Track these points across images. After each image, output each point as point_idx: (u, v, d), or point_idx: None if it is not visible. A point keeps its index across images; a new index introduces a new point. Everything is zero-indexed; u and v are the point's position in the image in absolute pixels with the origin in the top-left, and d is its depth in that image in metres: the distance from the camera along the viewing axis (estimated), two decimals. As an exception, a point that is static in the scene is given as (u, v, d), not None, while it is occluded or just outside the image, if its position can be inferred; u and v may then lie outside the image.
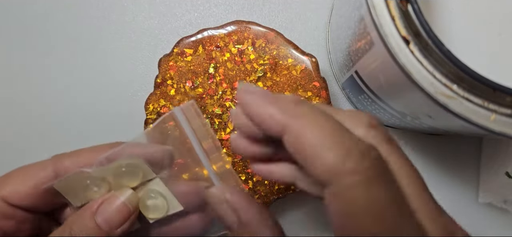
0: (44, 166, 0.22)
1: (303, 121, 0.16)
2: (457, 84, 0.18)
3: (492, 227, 0.33)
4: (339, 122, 0.16)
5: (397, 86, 0.21)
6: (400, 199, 0.15)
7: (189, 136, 0.21)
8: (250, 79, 0.30)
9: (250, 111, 0.17)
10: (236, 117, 0.18)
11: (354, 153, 0.15)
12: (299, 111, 0.16)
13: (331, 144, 0.15)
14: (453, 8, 0.22)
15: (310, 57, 0.30)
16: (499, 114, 0.18)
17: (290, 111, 0.16)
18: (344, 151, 0.15)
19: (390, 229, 0.14)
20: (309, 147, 0.15)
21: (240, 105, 0.18)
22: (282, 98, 0.17)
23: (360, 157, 0.15)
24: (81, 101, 0.34)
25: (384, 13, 0.19)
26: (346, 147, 0.15)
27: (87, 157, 0.22)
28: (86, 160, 0.21)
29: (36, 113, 0.34)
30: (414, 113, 0.24)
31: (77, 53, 0.35)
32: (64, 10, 0.35)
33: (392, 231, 0.14)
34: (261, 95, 0.17)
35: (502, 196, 0.32)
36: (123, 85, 0.34)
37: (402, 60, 0.18)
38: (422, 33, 0.18)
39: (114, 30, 0.35)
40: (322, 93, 0.30)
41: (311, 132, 0.15)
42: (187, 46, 0.31)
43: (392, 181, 0.16)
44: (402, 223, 0.15)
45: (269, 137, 0.17)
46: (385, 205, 0.15)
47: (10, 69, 0.35)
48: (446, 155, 0.34)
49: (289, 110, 0.16)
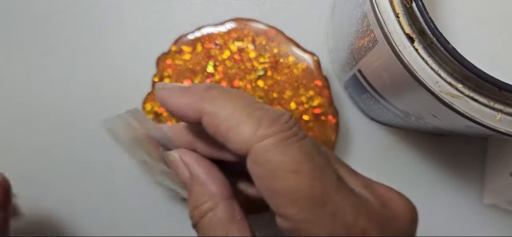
0: None
1: (216, 102, 0.17)
2: (463, 83, 0.18)
3: (497, 228, 0.33)
4: (250, 96, 0.18)
5: (401, 85, 0.21)
6: (314, 152, 0.17)
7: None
8: (250, 78, 0.30)
9: (169, 106, 0.19)
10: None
11: (264, 121, 0.17)
12: (211, 95, 0.18)
13: (243, 117, 0.17)
14: (458, 5, 0.22)
15: (312, 55, 0.30)
16: (504, 113, 0.18)
17: (203, 96, 0.18)
18: (256, 120, 0.17)
19: (307, 180, 0.16)
20: (224, 123, 0.17)
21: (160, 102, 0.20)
22: (195, 87, 0.19)
23: (271, 122, 0.16)
24: (78, 99, 0.34)
25: (388, 10, 0.19)
26: (257, 116, 0.17)
27: None
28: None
29: (32, 112, 0.34)
30: (418, 113, 0.23)
31: (74, 51, 0.34)
32: (61, 9, 0.35)
33: (310, 181, 0.16)
34: (176, 89, 0.19)
35: (507, 198, 0.32)
36: (119, 84, 0.34)
37: (406, 58, 0.18)
38: (427, 31, 0.18)
39: (111, 28, 0.34)
40: (324, 91, 0.30)
41: (224, 110, 0.17)
42: (185, 44, 0.30)
43: (304, 137, 0.17)
44: (319, 173, 0.16)
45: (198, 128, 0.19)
46: (300, 159, 0.16)
47: (7, 69, 0.35)
48: (451, 156, 0.34)
49: (203, 96, 0.18)
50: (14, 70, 0.35)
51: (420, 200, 0.33)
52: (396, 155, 0.34)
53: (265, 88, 0.30)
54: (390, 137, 0.34)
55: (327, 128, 0.30)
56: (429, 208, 0.33)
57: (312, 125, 0.30)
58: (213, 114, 0.17)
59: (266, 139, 0.16)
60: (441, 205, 0.33)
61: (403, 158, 0.33)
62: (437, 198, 0.33)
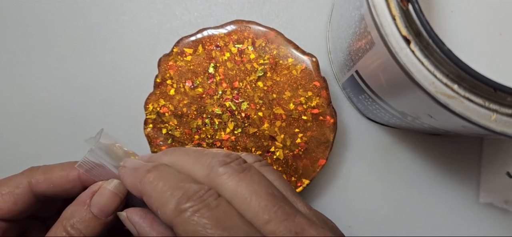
0: (19, 182, 0.25)
1: (151, 185, 0.21)
2: (458, 84, 0.18)
3: (493, 227, 0.33)
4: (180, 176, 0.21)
5: (398, 86, 0.21)
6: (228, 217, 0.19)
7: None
8: (250, 79, 0.30)
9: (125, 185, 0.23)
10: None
11: (183, 197, 0.19)
12: (148, 178, 0.21)
13: (168, 197, 0.20)
14: (454, 7, 0.22)
15: (311, 56, 0.30)
16: (500, 114, 0.18)
17: (142, 180, 0.21)
18: (177, 198, 0.19)
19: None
20: (155, 204, 0.20)
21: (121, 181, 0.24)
22: (141, 167, 0.22)
23: (188, 198, 0.19)
24: (80, 101, 0.34)
25: (384, 13, 0.19)
26: (178, 194, 0.19)
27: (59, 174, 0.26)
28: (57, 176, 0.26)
29: (34, 112, 0.34)
30: (415, 113, 0.24)
31: (76, 52, 0.35)
32: (63, 10, 0.35)
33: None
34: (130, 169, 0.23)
35: (503, 196, 0.32)
36: (122, 84, 0.34)
37: (403, 59, 0.18)
38: (423, 33, 0.18)
39: (114, 30, 0.35)
40: (323, 92, 0.30)
41: (155, 193, 0.20)
42: (187, 45, 0.31)
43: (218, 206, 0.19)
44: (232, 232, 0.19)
45: None
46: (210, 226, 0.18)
47: (7, 69, 0.35)
48: (447, 155, 0.34)
49: (141, 179, 0.21)
50: (14, 71, 0.35)
51: (416, 199, 0.34)
52: (393, 154, 0.34)
53: (264, 88, 0.30)
54: (387, 137, 0.34)
55: (325, 128, 0.30)
56: (426, 207, 0.34)
57: (310, 125, 0.30)
58: (147, 196, 0.21)
59: (182, 213, 0.19)
60: (437, 204, 0.33)
61: (400, 158, 0.34)
62: (434, 197, 0.33)
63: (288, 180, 0.30)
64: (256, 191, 0.20)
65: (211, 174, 0.21)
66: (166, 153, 0.24)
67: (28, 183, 0.25)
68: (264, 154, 0.30)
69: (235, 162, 0.21)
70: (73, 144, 0.34)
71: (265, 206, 0.19)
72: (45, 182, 0.26)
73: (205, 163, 0.21)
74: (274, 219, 0.19)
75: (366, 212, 0.34)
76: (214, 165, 0.21)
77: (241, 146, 0.30)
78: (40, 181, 0.26)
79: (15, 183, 0.25)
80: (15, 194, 0.25)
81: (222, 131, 0.30)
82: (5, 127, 0.35)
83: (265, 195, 0.20)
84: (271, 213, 0.19)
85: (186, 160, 0.22)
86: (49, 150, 0.34)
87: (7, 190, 0.25)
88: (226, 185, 0.20)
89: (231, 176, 0.21)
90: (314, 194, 0.34)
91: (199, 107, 0.30)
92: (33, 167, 0.26)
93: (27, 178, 0.26)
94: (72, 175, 0.26)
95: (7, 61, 0.35)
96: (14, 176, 0.26)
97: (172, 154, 0.23)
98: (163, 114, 0.30)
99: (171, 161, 0.23)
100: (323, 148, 0.30)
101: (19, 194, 0.25)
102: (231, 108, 0.30)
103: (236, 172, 0.21)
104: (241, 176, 0.21)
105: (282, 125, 0.30)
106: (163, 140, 0.30)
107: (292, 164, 0.30)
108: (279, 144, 0.30)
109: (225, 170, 0.21)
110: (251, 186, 0.20)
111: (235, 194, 0.20)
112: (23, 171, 0.26)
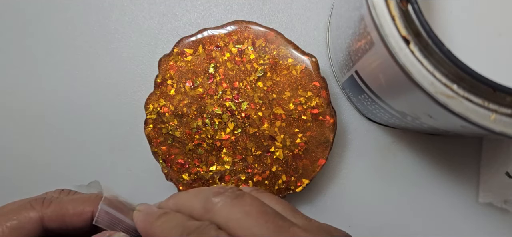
0: (30, 218, 0.25)
1: (158, 229, 0.22)
2: (457, 84, 0.18)
3: (492, 227, 0.33)
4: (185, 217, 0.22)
5: (397, 86, 0.21)
6: None
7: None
8: (250, 79, 0.30)
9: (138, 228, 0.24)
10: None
11: (184, 233, 0.20)
12: (156, 225, 0.22)
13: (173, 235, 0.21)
14: (453, 8, 0.22)
15: (310, 57, 0.30)
16: (499, 114, 0.18)
17: (149, 228, 0.23)
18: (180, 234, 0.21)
19: None
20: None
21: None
22: (153, 214, 0.23)
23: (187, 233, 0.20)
24: (81, 101, 0.34)
25: (384, 13, 0.19)
26: (181, 231, 0.21)
27: (72, 212, 0.26)
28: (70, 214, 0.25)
29: (34, 113, 0.34)
30: (414, 113, 0.24)
31: (77, 53, 0.35)
32: (64, 10, 0.35)
33: None
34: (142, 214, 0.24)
35: (502, 196, 0.32)
36: (122, 85, 0.34)
37: (402, 60, 0.18)
38: (422, 33, 0.18)
39: (114, 30, 0.35)
40: (322, 93, 0.30)
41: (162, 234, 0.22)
42: (187, 46, 0.31)
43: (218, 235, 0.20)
44: None
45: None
46: None
47: (7, 70, 0.35)
48: (446, 155, 0.34)
49: (154, 222, 0.22)
50: (11, 71, 0.35)
51: (416, 199, 0.34)
52: (393, 154, 0.34)
53: (264, 89, 0.30)
54: (387, 137, 0.34)
55: (325, 128, 0.30)
56: (425, 206, 0.34)
57: (310, 125, 0.30)
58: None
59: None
60: (437, 203, 0.34)
61: (400, 158, 0.34)
62: (433, 197, 0.34)
63: (288, 179, 0.30)
64: (248, 211, 0.21)
65: (207, 204, 0.22)
66: (171, 197, 0.25)
67: (40, 219, 0.25)
68: (264, 154, 0.30)
69: (229, 191, 0.22)
70: (73, 144, 0.34)
71: (256, 222, 0.20)
72: (57, 220, 0.25)
73: (202, 196, 0.23)
74: (265, 232, 0.20)
75: (365, 212, 0.34)
76: (208, 196, 0.22)
77: (241, 146, 0.30)
78: (53, 218, 0.25)
79: (26, 218, 0.24)
80: (25, 229, 0.24)
81: (222, 131, 0.30)
82: (5, 127, 0.35)
83: (256, 213, 0.21)
84: (263, 228, 0.20)
85: (186, 198, 0.23)
86: (49, 151, 0.34)
87: (17, 223, 0.24)
88: (221, 212, 0.21)
89: (225, 203, 0.22)
90: (314, 194, 0.34)
91: (199, 107, 0.30)
92: (45, 200, 0.26)
93: (39, 213, 0.25)
94: (86, 215, 0.26)
95: (7, 61, 0.35)
96: (24, 206, 0.25)
97: (175, 196, 0.25)
98: (163, 114, 0.30)
99: (175, 202, 0.24)
100: (322, 148, 0.30)
101: (30, 229, 0.24)
102: (231, 108, 0.30)
103: (229, 198, 0.22)
104: (234, 202, 0.22)
105: (282, 125, 0.30)
106: (163, 140, 0.30)
107: (292, 164, 0.30)
108: (279, 144, 0.30)
109: (219, 199, 0.22)
110: (243, 208, 0.21)
111: (229, 218, 0.21)
112: (33, 203, 0.25)
